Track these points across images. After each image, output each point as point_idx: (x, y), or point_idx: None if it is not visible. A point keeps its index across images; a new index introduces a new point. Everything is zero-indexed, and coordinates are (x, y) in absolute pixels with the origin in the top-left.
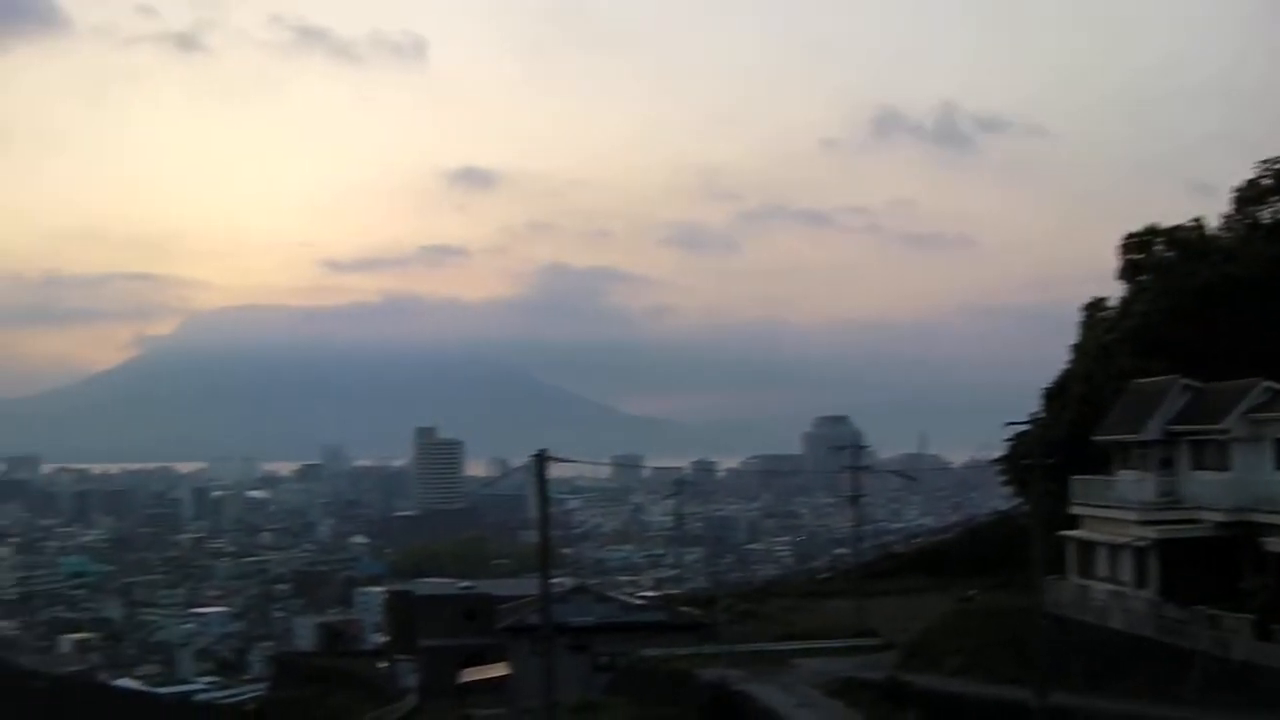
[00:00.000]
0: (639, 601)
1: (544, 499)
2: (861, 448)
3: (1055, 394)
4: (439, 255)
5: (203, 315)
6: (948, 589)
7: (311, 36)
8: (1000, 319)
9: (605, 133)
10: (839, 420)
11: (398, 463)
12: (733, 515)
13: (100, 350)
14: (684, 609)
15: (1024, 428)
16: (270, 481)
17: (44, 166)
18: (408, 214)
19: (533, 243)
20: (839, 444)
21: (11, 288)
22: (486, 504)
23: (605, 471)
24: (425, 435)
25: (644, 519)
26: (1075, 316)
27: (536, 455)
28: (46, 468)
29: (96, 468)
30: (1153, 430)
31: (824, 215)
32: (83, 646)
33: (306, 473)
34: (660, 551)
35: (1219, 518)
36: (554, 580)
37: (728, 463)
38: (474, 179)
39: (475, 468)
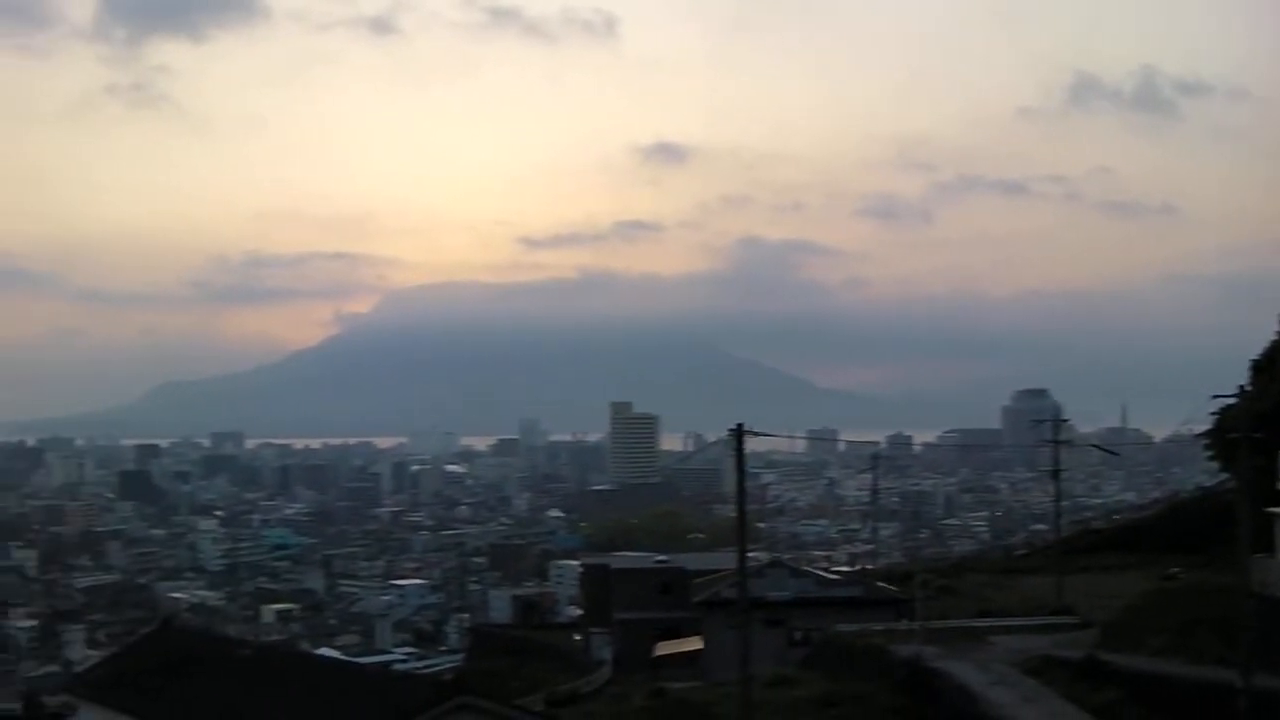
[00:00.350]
0: (834, 576)
1: (741, 473)
2: (1061, 421)
3: (1264, 366)
4: (633, 231)
5: (400, 293)
6: (1149, 567)
7: (503, 16)
8: (1204, 289)
9: (797, 105)
10: (1038, 394)
11: (593, 437)
12: (929, 490)
13: (301, 328)
14: (879, 584)
15: (1230, 401)
16: (467, 456)
17: (246, 151)
18: (602, 190)
19: (726, 217)
20: (1038, 418)
21: (217, 268)
22: (681, 478)
23: (800, 445)
24: (620, 410)
25: (839, 493)
26: None
27: (734, 429)
28: (251, 443)
29: (299, 442)
30: None
31: (1020, 184)
32: (285, 617)
33: (503, 447)
34: (855, 526)
35: None
36: (749, 555)
37: (924, 437)
38: (667, 154)
39: (670, 442)
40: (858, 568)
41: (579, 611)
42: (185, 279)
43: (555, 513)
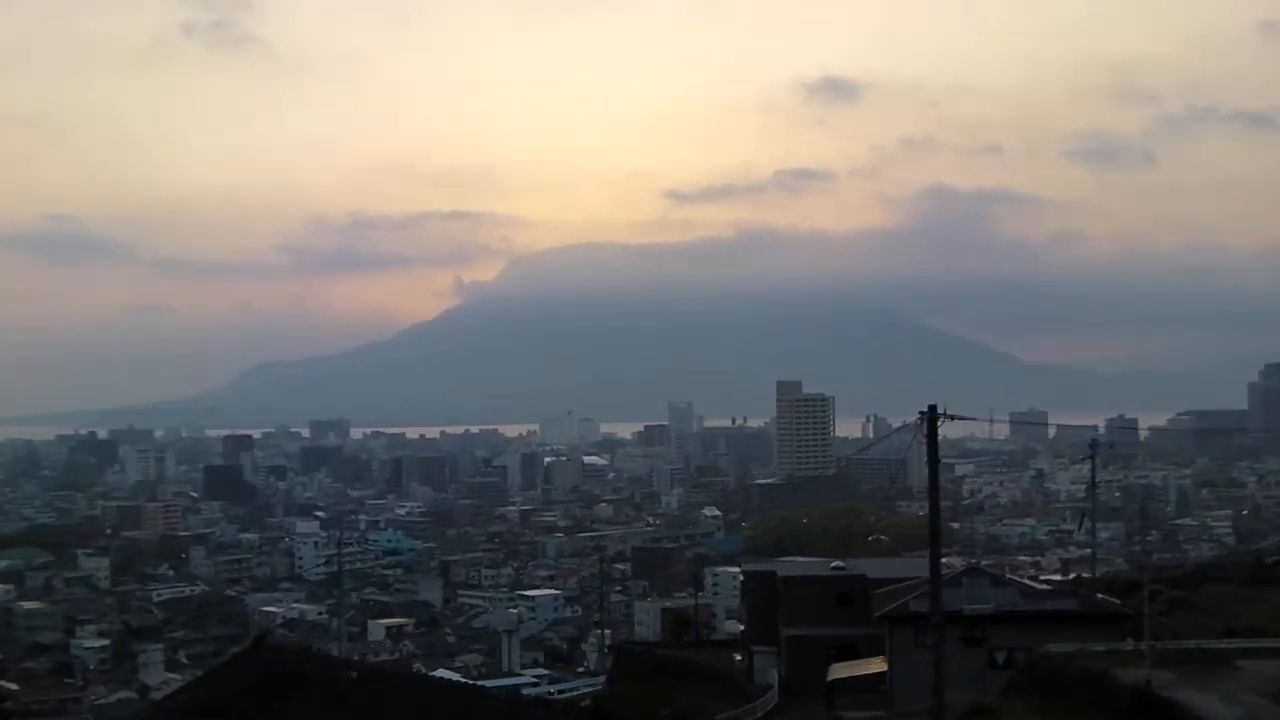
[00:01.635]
0: (1044, 587)
1: (934, 464)
2: None
3: None
4: (798, 181)
5: (529, 257)
6: None
7: None
8: None
9: (990, 30)
10: None
11: (756, 423)
12: (1158, 484)
13: (415, 299)
14: (1099, 596)
15: None
16: (609, 445)
17: (347, 97)
18: (760, 135)
19: (908, 163)
20: None
21: (316, 232)
22: (861, 470)
23: (1003, 431)
24: (788, 390)
25: (1049, 487)
26: None
27: (924, 412)
28: (357, 432)
29: (412, 431)
30: None
31: (1264, 116)
32: (396, 633)
33: (649, 435)
34: (1069, 527)
35: None
36: (943, 560)
37: (1151, 420)
38: (836, 91)
39: (847, 428)
40: (1072, 576)
41: (739, 627)
42: (280, 245)
43: (711, 511)
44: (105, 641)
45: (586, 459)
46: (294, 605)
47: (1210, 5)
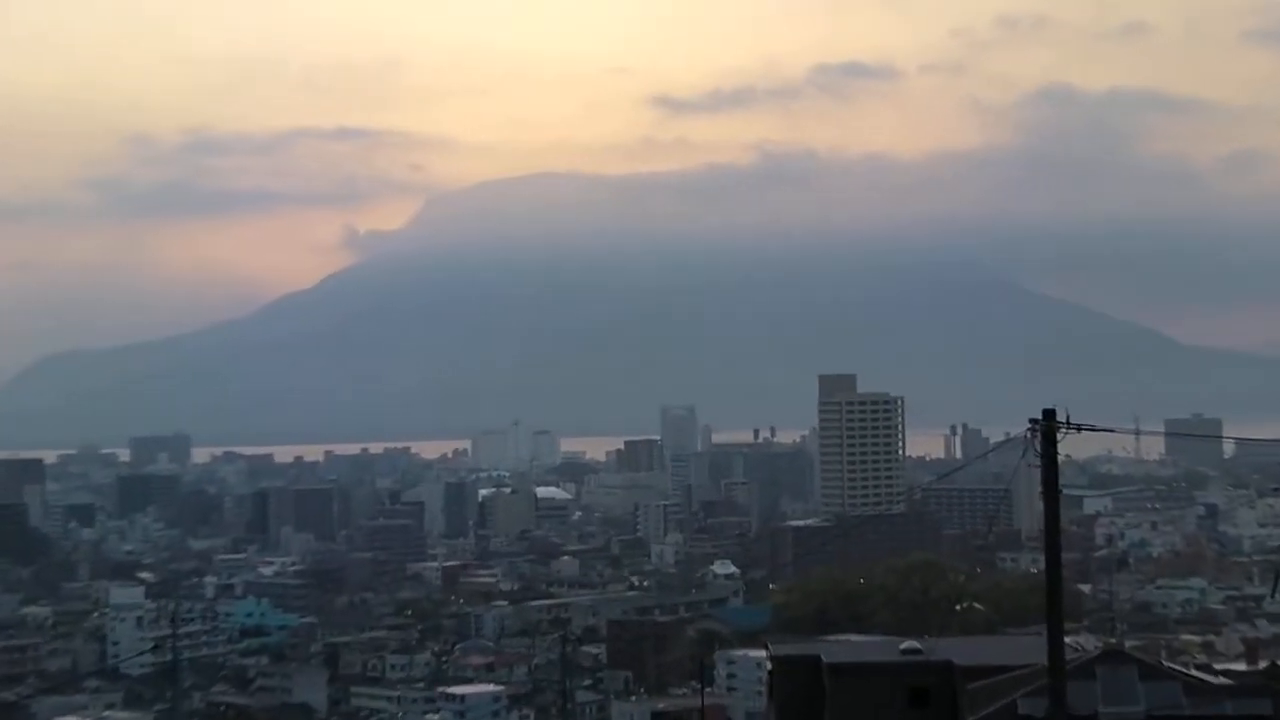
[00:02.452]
0: (1221, 679)
1: (1052, 496)
2: None
3: None
4: (846, 80)
5: (453, 195)
6: None
7: None
8: None
9: None
10: None
11: (789, 437)
12: None
13: (286, 256)
14: None
15: None
16: (575, 470)
17: None
18: (790, 12)
19: (1008, 51)
20: None
21: (135, 156)
22: (943, 505)
23: (1155, 447)
24: (836, 389)
25: (1226, 532)
26: None
27: (1037, 420)
28: (201, 453)
29: (284, 452)
30: None
31: None
32: None
33: (635, 455)
34: (1259, 590)
35: None
36: (1068, 639)
37: None
38: None
39: (922, 444)
40: (1264, 665)
41: None
42: (84, 178)
43: (724, 567)
44: None
45: (541, 491)
46: (106, 714)
47: None
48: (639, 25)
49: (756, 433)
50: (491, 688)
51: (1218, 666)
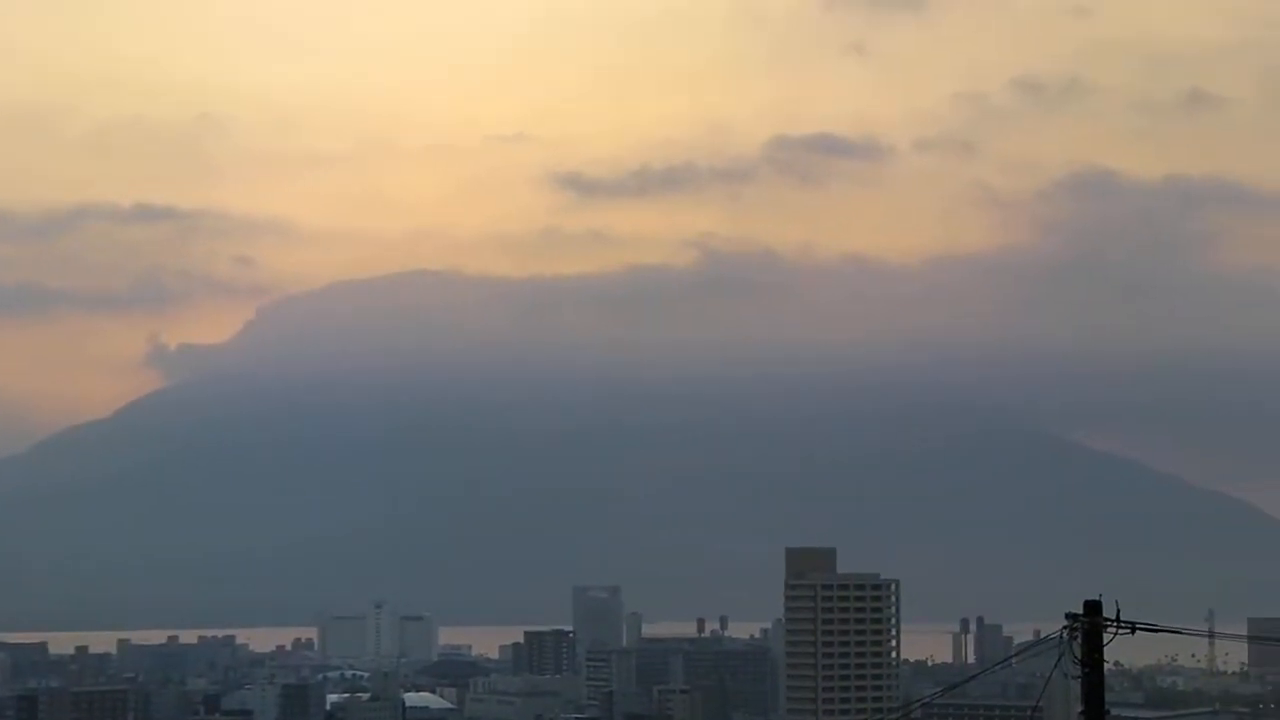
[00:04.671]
0: None
1: (1095, 716)
2: None
3: None
4: (816, 157)
5: (293, 300)
6: None
7: None
8: None
9: None
10: None
11: (746, 630)
12: None
13: (70, 378)
14: None
15: None
16: (457, 670)
17: None
18: (743, 68)
19: (1030, 125)
20: None
21: None
22: None
23: (1237, 653)
24: (808, 565)
25: None
26: None
27: (1076, 615)
28: None
29: (63, 639)
30: None
31: None
32: None
33: (539, 651)
34: None
35: None
36: None
37: None
38: None
39: (924, 642)
40: None
41: None
42: None
43: None
44: None
45: (411, 698)
46: None
47: None
48: (540, 78)
49: (702, 624)
50: None
51: None
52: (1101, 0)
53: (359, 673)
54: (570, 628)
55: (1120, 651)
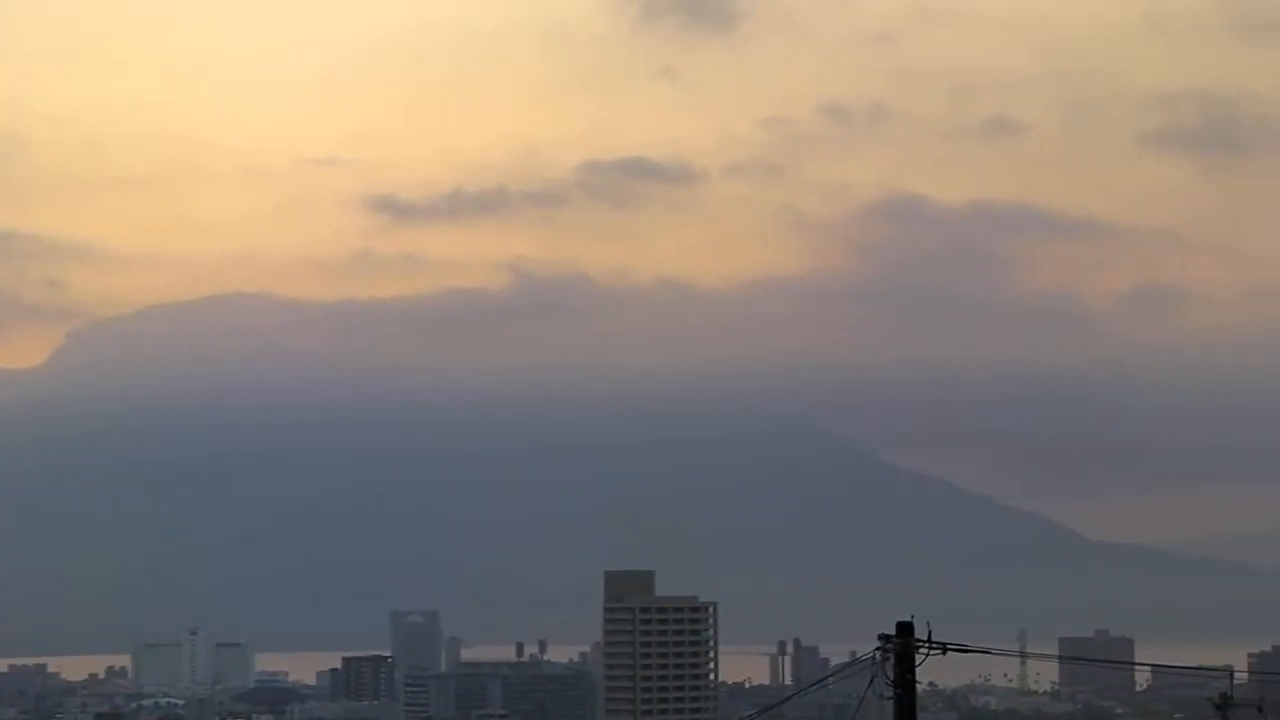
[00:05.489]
0: None
1: None
2: None
3: None
4: (629, 181)
5: (105, 323)
6: None
7: None
8: None
9: None
10: None
11: (565, 654)
12: None
13: None
14: None
15: None
16: (275, 695)
17: None
18: (552, 92)
19: (839, 151)
20: None
21: None
22: None
23: (1049, 673)
24: (627, 589)
25: None
26: None
27: (889, 636)
28: None
29: None
30: None
31: None
32: None
33: (358, 676)
34: None
35: None
36: None
37: None
38: (697, 8)
39: (742, 664)
40: None
41: None
42: None
43: None
44: None
45: None
46: None
47: None
48: (353, 102)
49: (520, 648)
50: None
51: None
52: (905, 29)
53: (174, 700)
54: (388, 653)
55: (934, 671)
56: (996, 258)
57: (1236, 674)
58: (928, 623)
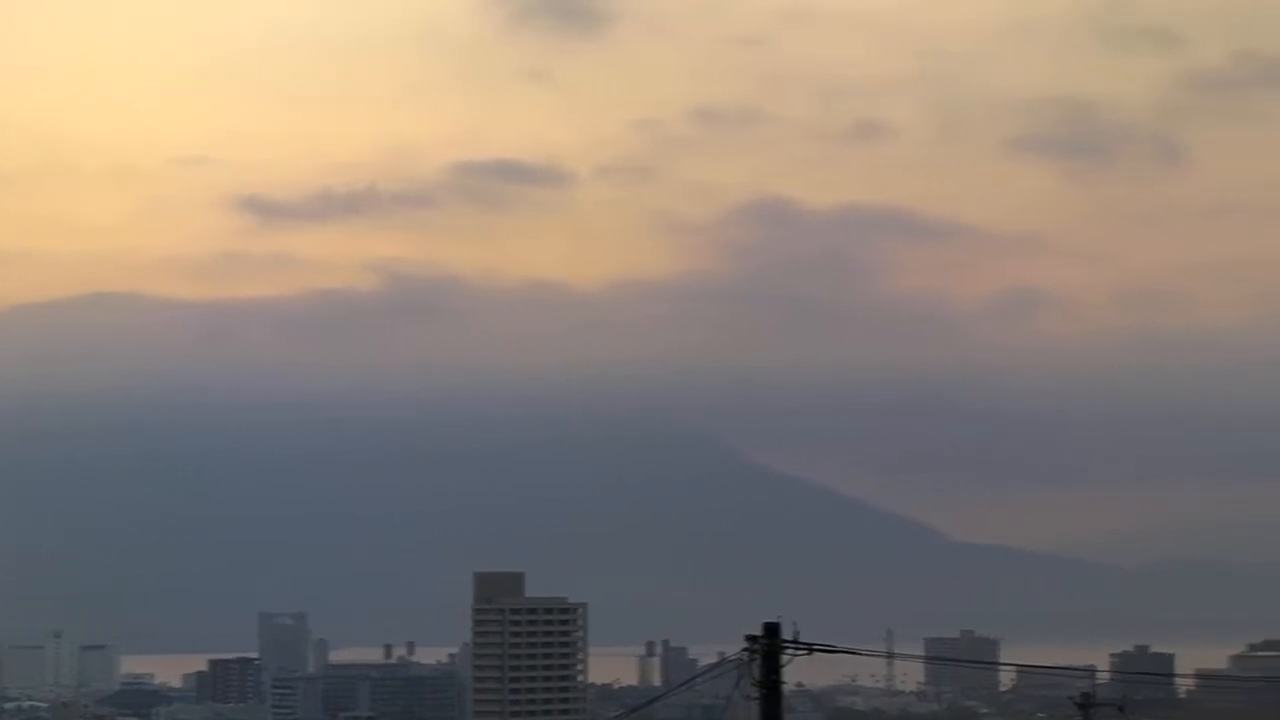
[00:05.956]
0: None
1: None
2: None
3: None
4: (499, 183)
5: None
6: None
7: None
8: None
9: None
10: None
11: (434, 655)
12: None
13: None
14: None
15: None
16: (140, 698)
17: None
18: (418, 90)
19: (709, 154)
20: None
21: None
22: None
23: (915, 672)
24: (497, 590)
25: None
26: None
27: (756, 638)
28: None
29: None
30: None
31: None
32: None
33: (224, 678)
34: None
35: None
36: None
37: (1203, 654)
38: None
39: (611, 665)
40: None
41: None
42: None
43: None
44: None
45: None
46: None
47: None
48: (223, 101)
49: (389, 649)
50: None
51: None
52: (775, 33)
53: (37, 704)
54: (256, 655)
55: (802, 672)
56: (865, 261)
57: (1099, 673)
58: (794, 623)
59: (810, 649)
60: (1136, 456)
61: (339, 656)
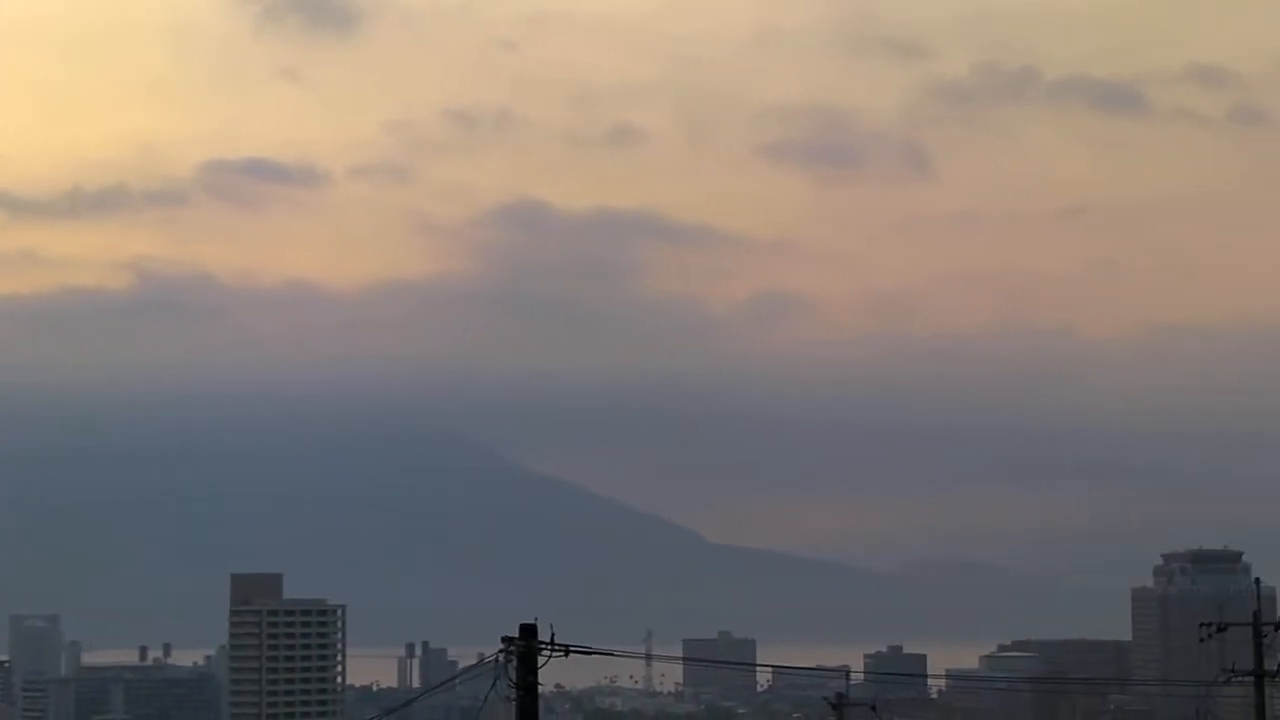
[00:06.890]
0: None
1: None
2: None
3: None
4: (251, 182)
5: None
6: None
7: None
8: None
9: None
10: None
11: (190, 658)
12: None
13: None
14: None
15: None
16: None
17: None
18: (168, 86)
19: (463, 155)
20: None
21: None
22: None
23: (672, 674)
24: (254, 592)
25: None
26: None
27: (512, 639)
28: None
29: None
30: None
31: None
32: None
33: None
34: None
35: None
36: None
37: (959, 654)
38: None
39: (370, 667)
40: None
41: None
42: None
43: None
44: None
45: None
46: None
47: None
48: None
49: (144, 652)
50: None
51: None
52: (529, 36)
53: None
54: (6, 657)
55: (562, 673)
56: (620, 264)
57: (853, 674)
58: (550, 625)
59: (567, 650)
60: (895, 462)
61: (92, 659)
